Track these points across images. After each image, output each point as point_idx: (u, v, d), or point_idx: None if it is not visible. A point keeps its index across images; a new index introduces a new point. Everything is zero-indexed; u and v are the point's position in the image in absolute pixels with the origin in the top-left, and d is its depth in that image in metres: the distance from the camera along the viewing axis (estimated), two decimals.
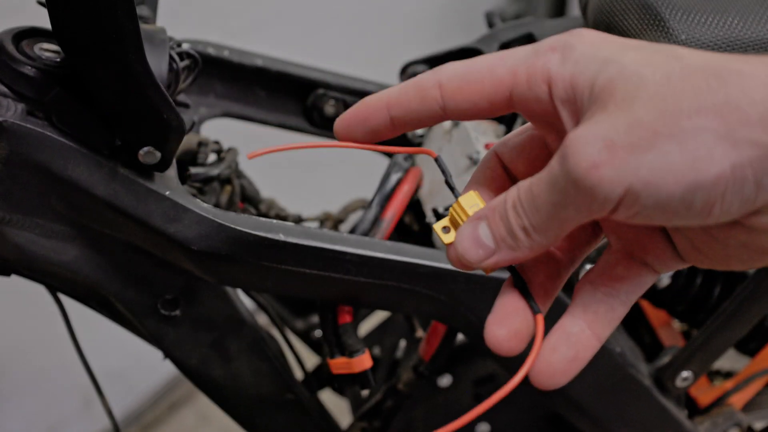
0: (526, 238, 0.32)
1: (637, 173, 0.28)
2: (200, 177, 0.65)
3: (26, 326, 1.24)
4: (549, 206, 0.31)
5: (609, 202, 0.29)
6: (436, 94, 0.35)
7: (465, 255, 0.34)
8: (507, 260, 0.33)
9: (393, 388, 0.75)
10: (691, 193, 0.28)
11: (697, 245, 0.33)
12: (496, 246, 0.33)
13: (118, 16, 0.45)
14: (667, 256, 0.35)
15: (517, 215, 0.32)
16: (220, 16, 1.34)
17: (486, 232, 0.33)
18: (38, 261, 0.56)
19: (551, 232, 0.32)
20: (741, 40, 0.60)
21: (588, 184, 0.29)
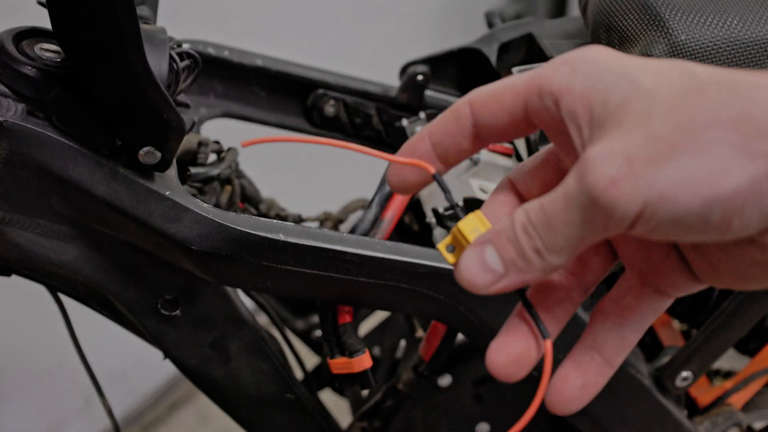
0: (538, 259, 0.32)
1: (654, 187, 0.28)
2: (200, 177, 0.65)
3: (26, 326, 1.24)
4: (564, 225, 0.30)
5: (626, 218, 0.29)
6: (467, 110, 0.35)
7: (472, 281, 0.33)
8: (517, 283, 0.33)
9: (393, 388, 0.75)
10: (709, 206, 0.28)
11: (713, 263, 0.33)
12: (505, 270, 0.32)
13: (118, 16, 0.45)
14: (682, 279, 0.35)
15: (528, 236, 0.32)
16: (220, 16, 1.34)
17: (493, 256, 0.33)
18: (38, 261, 0.56)
19: (565, 252, 0.31)
20: (741, 41, 0.60)
21: (607, 201, 0.28)
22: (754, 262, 0.31)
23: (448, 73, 0.78)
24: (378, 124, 0.79)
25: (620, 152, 0.29)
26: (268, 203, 0.79)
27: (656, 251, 0.35)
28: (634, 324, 0.36)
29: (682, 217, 0.28)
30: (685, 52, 0.60)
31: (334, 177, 1.65)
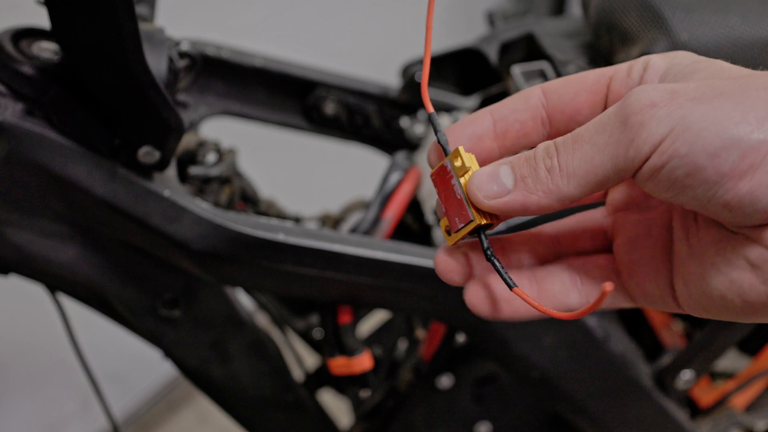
0: (548, 178, 0.32)
1: (685, 118, 0.28)
2: (200, 177, 0.65)
3: (26, 326, 1.24)
4: (587, 145, 0.31)
5: (648, 142, 0.29)
6: (538, 92, 0.36)
7: (479, 187, 0.33)
8: (518, 203, 0.32)
9: (393, 388, 0.75)
10: (726, 149, 0.28)
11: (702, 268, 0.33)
12: (514, 185, 0.33)
13: (117, 16, 0.45)
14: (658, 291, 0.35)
15: (547, 155, 0.32)
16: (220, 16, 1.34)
17: (507, 171, 0.33)
18: (37, 261, 0.56)
19: (575, 179, 0.31)
20: (742, 40, 0.60)
21: (638, 120, 0.29)
22: (745, 264, 0.31)
23: (448, 73, 0.78)
24: (378, 123, 0.78)
25: (669, 87, 0.30)
26: (268, 203, 0.79)
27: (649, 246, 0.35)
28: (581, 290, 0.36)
29: (697, 153, 0.28)
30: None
31: (334, 177, 1.65)
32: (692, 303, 0.33)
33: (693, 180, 0.29)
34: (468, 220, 0.34)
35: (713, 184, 0.29)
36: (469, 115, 0.36)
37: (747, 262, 0.30)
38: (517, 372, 0.68)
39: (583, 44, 0.71)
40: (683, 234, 0.34)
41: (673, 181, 0.29)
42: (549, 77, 0.66)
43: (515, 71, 0.67)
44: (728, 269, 0.31)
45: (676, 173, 0.29)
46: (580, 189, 0.31)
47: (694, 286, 0.33)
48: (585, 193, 0.32)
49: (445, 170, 0.35)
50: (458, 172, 0.34)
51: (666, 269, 0.35)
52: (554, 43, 0.70)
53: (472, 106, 0.79)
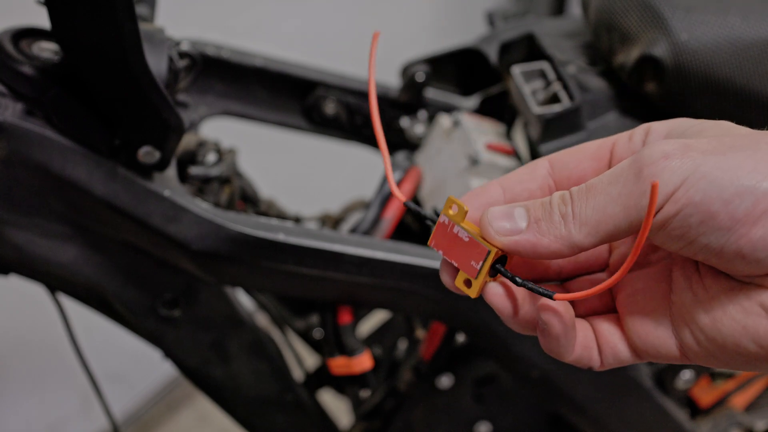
0: (561, 224, 0.32)
1: (699, 167, 0.29)
2: (200, 177, 0.65)
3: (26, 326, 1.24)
4: (601, 195, 0.31)
5: (661, 194, 0.29)
6: (544, 163, 0.37)
7: (492, 222, 0.33)
8: (529, 243, 0.33)
9: (393, 388, 0.75)
10: (740, 196, 0.29)
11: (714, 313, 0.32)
12: (527, 225, 0.33)
13: (117, 16, 0.45)
14: (664, 348, 0.35)
15: (562, 202, 0.32)
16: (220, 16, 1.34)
17: (522, 212, 0.33)
18: (37, 261, 0.56)
19: (587, 227, 0.31)
20: (742, 40, 0.60)
21: (652, 171, 0.30)
22: (760, 311, 0.31)
23: (448, 73, 0.78)
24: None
25: (682, 141, 0.30)
26: (268, 203, 0.79)
27: (650, 300, 0.35)
28: None
29: (711, 200, 0.29)
30: (687, 52, 0.60)
31: (334, 177, 1.65)
32: (701, 352, 0.33)
33: (706, 227, 0.29)
34: (485, 252, 0.34)
35: (726, 230, 0.29)
36: (479, 187, 0.37)
37: (762, 308, 0.31)
38: (517, 372, 0.68)
39: (583, 44, 0.71)
40: (686, 284, 0.34)
41: (687, 229, 0.30)
42: (549, 77, 0.66)
43: (515, 71, 0.67)
44: (742, 316, 0.31)
45: (690, 220, 0.29)
46: (590, 238, 0.32)
47: (704, 335, 0.33)
48: (595, 242, 0.32)
49: (443, 226, 0.35)
50: (458, 218, 0.34)
51: (669, 322, 0.35)
52: (554, 43, 0.70)
53: (472, 106, 0.79)
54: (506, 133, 0.72)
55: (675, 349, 0.35)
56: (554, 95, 0.65)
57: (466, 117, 0.71)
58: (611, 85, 0.66)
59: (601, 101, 0.65)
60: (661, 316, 0.35)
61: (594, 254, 0.38)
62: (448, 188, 0.68)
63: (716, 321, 0.32)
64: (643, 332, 0.35)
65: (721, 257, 0.30)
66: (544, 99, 0.66)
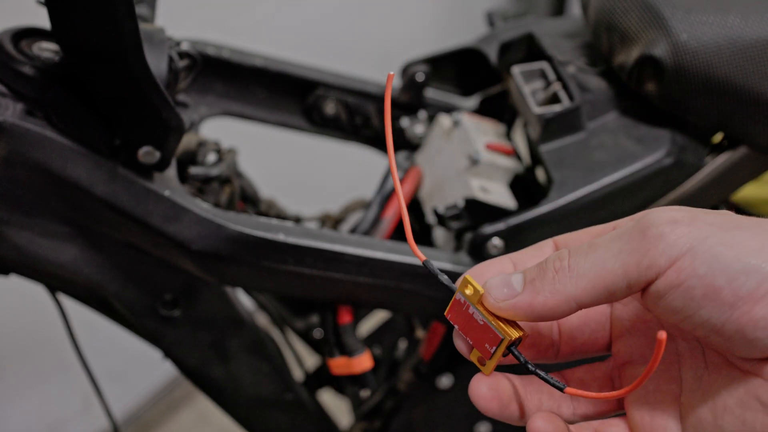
0: (554, 278, 0.32)
1: (706, 239, 0.29)
2: (200, 177, 0.65)
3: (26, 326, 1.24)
4: (601, 251, 0.31)
5: (664, 256, 0.29)
6: (549, 243, 0.37)
7: (490, 291, 0.34)
8: (526, 303, 0.33)
9: (393, 388, 0.75)
10: (746, 274, 0.28)
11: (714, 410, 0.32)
12: (523, 288, 0.33)
13: (117, 16, 0.45)
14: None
15: (558, 258, 0.32)
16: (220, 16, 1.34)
17: (518, 277, 0.33)
18: (38, 261, 0.56)
19: (582, 282, 0.31)
20: (742, 40, 0.60)
21: (657, 232, 0.29)
22: (758, 405, 0.30)
23: (448, 73, 0.78)
24: (378, 124, 0.78)
25: (689, 209, 0.30)
26: (268, 203, 0.79)
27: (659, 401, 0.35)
28: None
29: (716, 274, 0.29)
30: (686, 52, 0.60)
31: (334, 177, 1.65)
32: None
33: (708, 301, 0.29)
34: (498, 339, 0.34)
35: (729, 306, 0.29)
36: (490, 260, 0.37)
37: (759, 403, 0.30)
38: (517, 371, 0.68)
39: (583, 44, 0.71)
40: (694, 383, 0.33)
41: (688, 301, 0.29)
42: (549, 77, 0.67)
43: (515, 71, 0.67)
44: (741, 410, 0.31)
45: (693, 293, 0.29)
46: (586, 292, 0.31)
47: (706, 430, 0.32)
48: (591, 297, 0.31)
49: (459, 303, 0.35)
50: (473, 299, 0.35)
51: (678, 424, 0.34)
52: (554, 43, 0.70)
53: (472, 107, 0.79)
54: (506, 133, 0.72)
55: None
56: (554, 95, 0.65)
57: (466, 117, 0.71)
58: (611, 85, 0.66)
59: (601, 101, 0.65)
60: (670, 414, 0.34)
61: (592, 335, 0.37)
62: (448, 188, 0.68)
63: (717, 416, 0.32)
64: (650, 430, 0.34)
65: (721, 334, 0.30)
66: (544, 99, 0.66)
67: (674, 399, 0.35)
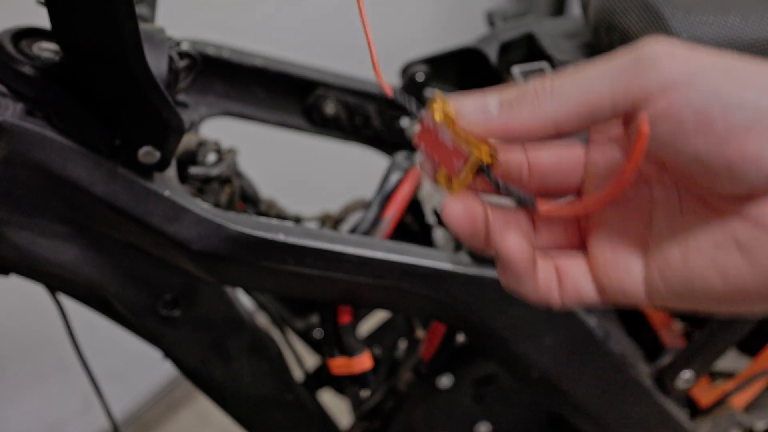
0: (534, 100, 0.30)
1: (704, 72, 0.28)
2: (200, 177, 0.65)
3: (26, 326, 1.24)
4: (588, 72, 0.29)
5: (656, 81, 0.28)
6: None
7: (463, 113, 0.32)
8: (500, 124, 0.31)
9: (393, 388, 0.75)
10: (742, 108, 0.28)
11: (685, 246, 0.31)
12: (499, 110, 0.31)
13: (117, 16, 0.45)
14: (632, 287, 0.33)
15: (540, 81, 0.30)
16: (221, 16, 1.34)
17: (494, 101, 0.31)
18: (38, 261, 0.56)
19: (564, 102, 0.29)
20: (742, 40, 0.60)
21: (654, 59, 0.28)
22: (733, 246, 0.30)
23: (448, 73, 0.78)
24: (378, 123, 0.78)
25: (689, 44, 0.29)
26: (268, 203, 0.79)
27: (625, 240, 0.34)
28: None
29: (712, 106, 0.28)
30: None
31: (334, 177, 1.65)
32: (667, 292, 0.32)
33: (699, 134, 0.28)
34: (467, 157, 0.32)
35: (720, 139, 0.28)
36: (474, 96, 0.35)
37: (735, 243, 0.29)
38: (517, 372, 0.68)
39: (583, 44, 0.71)
40: (665, 221, 0.33)
41: (677, 131, 0.28)
42: None
43: (515, 71, 0.67)
44: (714, 251, 0.30)
45: (684, 123, 0.28)
46: (567, 113, 0.30)
47: (673, 272, 0.32)
48: (572, 119, 0.30)
49: (428, 129, 0.33)
50: (445, 122, 0.33)
51: (641, 260, 0.33)
52: (554, 43, 0.70)
53: None
54: None
55: (641, 289, 0.33)
56: None
57: None
58: None
59: None
60: (634, 254, 0.34)
61: (564, 178, 0.35)
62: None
63: (686, 257, 0.31)
64: (612, 268, 0.34)
65: (707, 168, 0.29)
66: None
67: (641, 240, 0.34)
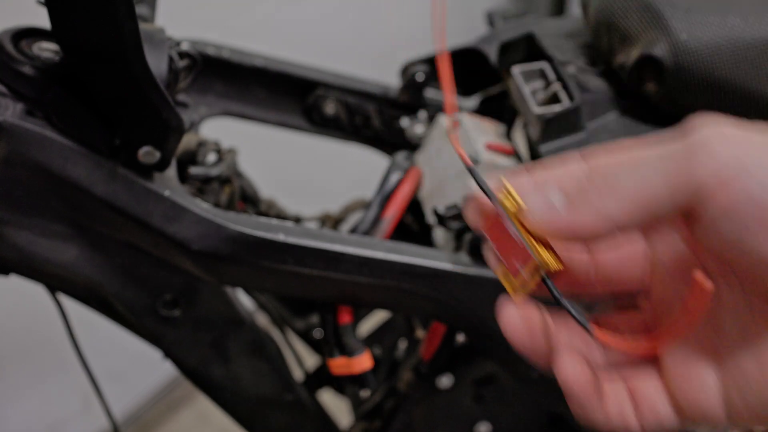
0: (594, 195, 0.29)
1: (760, 159, 0.26)
2: (200, 177, 0.65)
3: (26, 326, 1.24)
4: (644, 168, 0.28)
5: (715, 176, 0.26)
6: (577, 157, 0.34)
7: (529, 207, 0.31)
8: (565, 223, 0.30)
9: (393, 388, 0.75)
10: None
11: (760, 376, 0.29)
12: (562, 205, 0.30)
13: (117, 16, 0.45)
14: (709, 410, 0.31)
15: (598, 174, 0.30)
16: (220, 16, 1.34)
17: (558, 195, 0.31)
18: (38, 261, 0.56)
19: (624, 200, 0.28)
20: (742, 40, 0.60)
21: (707, 149, 0.27)
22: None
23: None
24: (378, 123, 0.78)
25: (741, 127, 0.28)
26: (268, 203, 0.79)
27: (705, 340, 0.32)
28: None
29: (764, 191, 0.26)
30: (686, 52, 0.60)
31: (334, 177, 1.65)
32: (747, 411, 0.30)
33: (761, 227, 0.26)
34: (530, 258, 0.31)
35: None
36: (517, 171, 0.35)
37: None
38: (517, 372, 0.68)
39: (583, 44, 0.71)
40: (735, 324, 0.30)
41: (738, 226, 0.27)
42: (549, 77, 0.67)
43: (515, 71, 0.67)
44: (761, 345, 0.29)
45: (744, 217, 0.26)
46: (628, 212, 0.28)
47: (751, 388, 0.29)
48: (633, 217, 0.29)
49: (496, 216, 0.33)
50: (511, 213, 0.32)
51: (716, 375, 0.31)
52: (554, 43, 0.70)
53: (472, 107, 0.79)
54: (506, 133, 0.72)
55: (720, 409, 0.31)
56: (554, 95, 0.65)
57: (466, 117, 0.71)
58: (611, 85, 0.66)
59: (601, 101, 0.65)
60: (708, 366, 0.31)
61: (630, 276, 0.34)
62: (448, 188, 0.68)
63: (765, 368, 0.29)
64: (686, 384, 0.31)
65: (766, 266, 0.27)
66: (544, 99, 0.66)
67: (713, 349, 0.31)
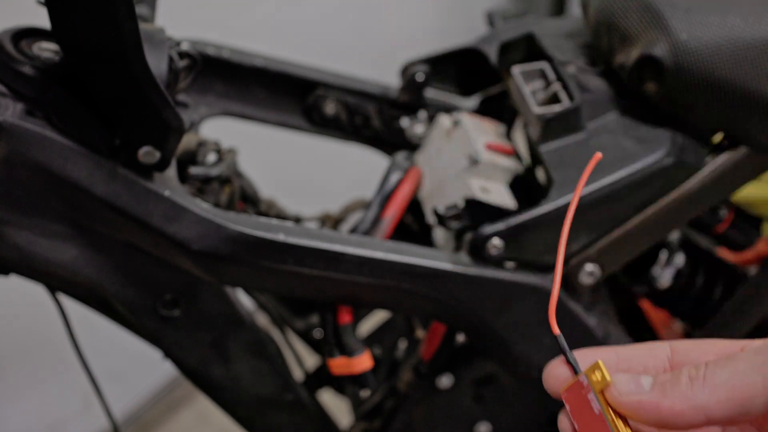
0: (687, 385, 0.30)
1: None
2: (200, 177, 0.65)
3: (26, 326, 1.24)
4: (741, 363, 0.29)
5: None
6: (665, 347, 0.35)
7: (616, 384, 0.32)
8: (652, 404, 0.31)
9: (393, 388, 0.75)
10: None
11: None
12: (651, 388, 0.31)
13: (117, 16, 0.45)
14: None
15: (694, 368, 0.30)
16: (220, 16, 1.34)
17: (648, 379, 0.32)
18: (38, 261, 0.56)
19: (717, 392, 0.29)
20: (742, 40, 0.60)
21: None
22: None
23: (448, 73, 0.78)
24: (378, 124, 0.78)
25: None
26: (268, 203, 0.79)
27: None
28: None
29: None
30: (686, 52, 0.60)
31: (334, 177, 1.65)
32: None
33: None
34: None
35: None
36: (594, 348, 0.36)
37: None
38: (517, 372, 0.68)
39: (583, 44, 0.71)
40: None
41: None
42: (549, 77, 0.67)
43: (515, 71, 0.67)
44: None
45: None
46: (720, 404, 0.29)
47: None
48: (725, 410, 0.29)
49: (579, 386, 0.34)
50: (596, 387, 0.33)
51: None
52: (554, 43, 0.70)
53: (472, 107, 0.79)
54: (506, 133, 0.72)
55: None
56: (554, 95, 0.65)
57: (466, 117, 0.71)
58: (611, 85, 0.66)
59: (601, 101, 0.65)
60: None
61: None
62: (448, 188, 0.68)
63: None
64: None
65: None
66: (544, 99, 0.66)
67: None
